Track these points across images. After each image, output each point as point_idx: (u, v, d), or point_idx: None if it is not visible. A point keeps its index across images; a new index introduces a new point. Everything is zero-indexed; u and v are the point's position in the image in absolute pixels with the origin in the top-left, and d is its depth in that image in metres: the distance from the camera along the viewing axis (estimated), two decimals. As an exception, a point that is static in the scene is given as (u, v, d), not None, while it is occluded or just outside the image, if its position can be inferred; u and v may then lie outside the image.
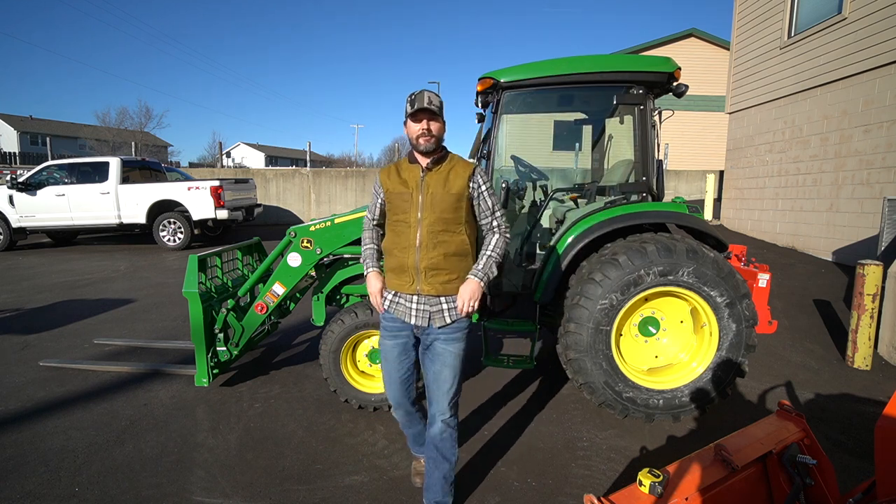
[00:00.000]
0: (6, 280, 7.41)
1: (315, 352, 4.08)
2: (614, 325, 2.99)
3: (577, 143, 4.56)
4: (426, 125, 2.05)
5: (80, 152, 30.32)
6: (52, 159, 11.75)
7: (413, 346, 2.22)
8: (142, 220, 9.84)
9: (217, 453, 2.85)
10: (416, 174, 2.12)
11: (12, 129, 37.61)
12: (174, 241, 10.00)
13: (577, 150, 4.59)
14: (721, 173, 11.91)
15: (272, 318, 3.90)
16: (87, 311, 5.66)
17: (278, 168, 19.02)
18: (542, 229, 3.84)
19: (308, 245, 3.30)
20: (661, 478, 1.43)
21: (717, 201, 11.49)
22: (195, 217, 9.81)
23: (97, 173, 9.82)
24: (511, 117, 3.72)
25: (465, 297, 2.08)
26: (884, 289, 4.20)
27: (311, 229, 3.30)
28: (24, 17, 78.88)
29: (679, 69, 3.21)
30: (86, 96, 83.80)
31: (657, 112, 3.38)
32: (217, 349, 3.52)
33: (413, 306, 2.13)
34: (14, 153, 24.92)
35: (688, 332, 3.24)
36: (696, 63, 16.52)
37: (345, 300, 3.63)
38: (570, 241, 3.19)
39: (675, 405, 3.06)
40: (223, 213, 9.76)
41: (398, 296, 2.17)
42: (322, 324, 3.50)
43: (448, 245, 2.09)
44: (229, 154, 46.08)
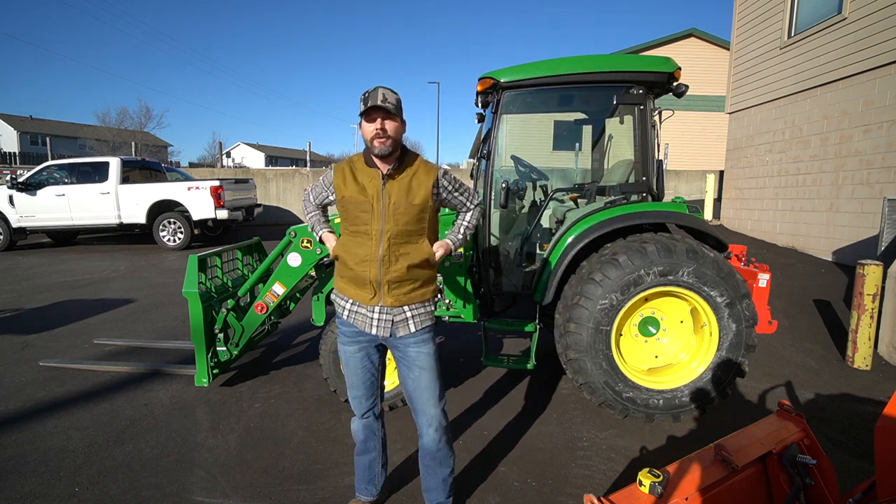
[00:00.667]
0: (6, 280, 7.41)
1: (315, 352, 4.08)
2: (614, 325, 3.00)
3: (577, 143, 4.56)
4: (381, 125, 1.86)
5: (80, 152, 30.30)
6: (52, 159, 11.76)
7: (376, 347, 2.11)
8: (142, 220, 9.84)
9: (217, 453, 2.85)
10: (376, 181, 1.94)
11: (12, 129, 37.60)
12: (174, 241, 10.00)
13: (577, 150, 4.59)
14: (721, 173, 11.91)
15: (272, 318, 3.90)
16: (87, 311, 5.66)
17: (278, 168, 19.05)
18: (542, 229, 3.84)
19: (308, 245, 3.30)
20: (661, 478, 1.43)
21: (717, 201, 11.49)
22: (195, 217, 9.81)
23: (97, 173, 9.82)
24: (511, 117, 3.71)
25: (435, 251, 2.08)
26: (884, 289, 4.20)
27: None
28: (24, 17, 78.93)
29: (679, 69, 3.21)
30: (86, 96, 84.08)
31: (657, 112, 3.37)
32: (217, 349, 3.53)
33: (374, 317, 2.01)
34: (14, 153, 24.92)
35: (688, 332, 3.24)
36: (696, 63, 16.53)
37: None
38: (570, 241, 3.19)
39: (675, 405, 3.06)
40: (223, 213, 9.76)
41: (357, 305, 2.03)
42: (322, 324, 3.50)
43: (412, 256, 1.98)
44: (229, 154, 46.11)
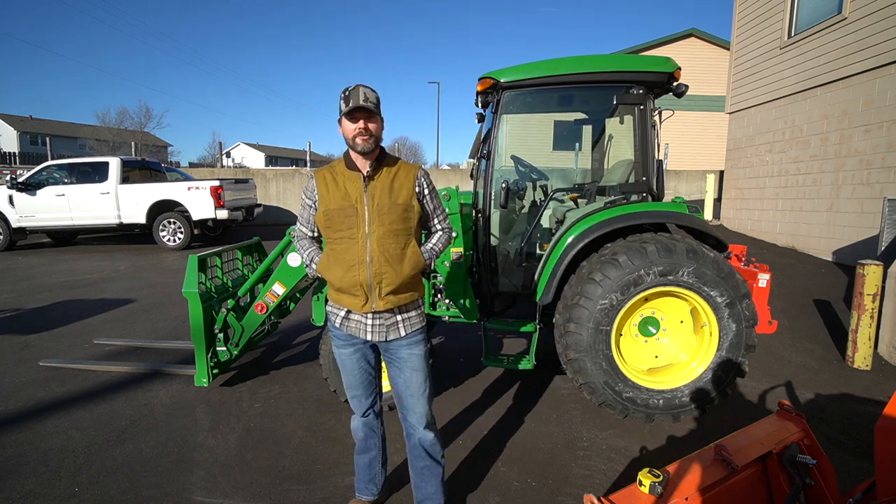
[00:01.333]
0: (6, 280, 7.41)
1: (315, 352, 4.09)
2: (614, 325, 3.00)
3: (577, 143, 4.56)
4: (363, 125, 1.90)
5: (80, 152, 30.28)
6: (52, 159, 11.74)
7: (371, 347, 2.13)
8: (142, 220, 9.84)
9: (217, 453, 2.85)
10: (358, 184, 1.96)
11: (12, 129, 37.60)
12: (174, 241, 10.00)
13: (577, 150, 4.59)
14: (721, 173, 11.91)
15: (272, 318, 3.90)
16: (87, 311, 5.66)
17: (278, 168, 19.03)
18: (542, 229, 3.85)
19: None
20: (661, 478, 1.43)
21: (717, 201, 11.49)
22: (195, 217, 9.81)
23: (97, 173, 9.82)
24: (511, 117, 3.72)
25: None
26: (884, 289, 4.20)
27: None
28: (23, 17, 78.93)
29: (679, 69, 3.21)
30: (86, 96, 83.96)
31: (657, 112, 3.37)
32: (217, 349, 3.53)
33: (368, 323, 2.03)
34: (14, 153, 24.91)
35: (688, 332, 3.24)
36: (696, 63, 16.54)
37: None
38: (570, 241, 3.19)
39: (675, 405, 3.06)
40: (223, 213, 9.75)
41: (351, 313, 2.04)
42: (322, 324, 3.49)
43: (401, 257, 1.98)
44: (229, 154, 46.07)
